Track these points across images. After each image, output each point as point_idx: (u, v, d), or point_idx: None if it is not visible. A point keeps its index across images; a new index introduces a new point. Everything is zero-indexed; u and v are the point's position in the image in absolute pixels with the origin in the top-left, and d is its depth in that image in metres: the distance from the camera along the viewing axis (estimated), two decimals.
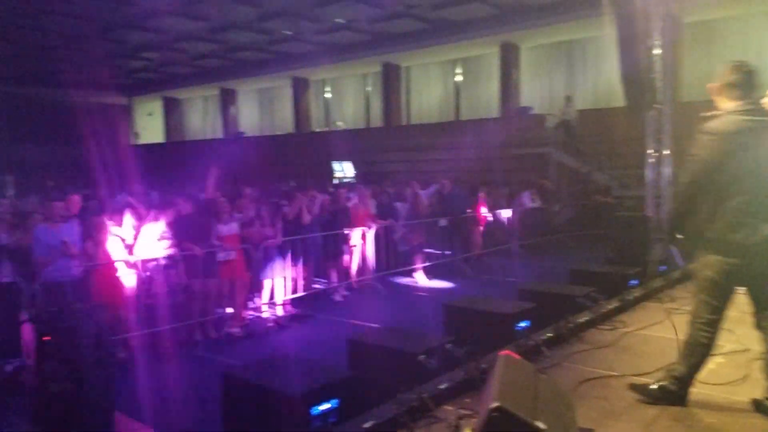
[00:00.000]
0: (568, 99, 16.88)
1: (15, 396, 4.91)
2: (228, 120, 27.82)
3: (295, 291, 8.17)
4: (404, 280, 10.12)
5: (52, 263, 5.83)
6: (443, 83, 23.09)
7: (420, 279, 10.15)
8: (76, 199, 6.90)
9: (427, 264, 10.31)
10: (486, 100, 21.60)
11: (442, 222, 10.61)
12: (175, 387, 5.46)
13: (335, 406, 3.52)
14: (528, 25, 18.21)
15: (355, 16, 18.06)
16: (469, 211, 11.26)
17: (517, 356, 3.07)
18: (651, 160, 8.08)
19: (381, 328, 5.42)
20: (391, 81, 22.64)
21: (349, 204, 9.70)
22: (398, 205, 10.69)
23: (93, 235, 6.29)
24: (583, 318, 5.60)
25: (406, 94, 23.47)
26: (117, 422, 3.12)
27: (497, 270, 10.69)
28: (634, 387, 3.97)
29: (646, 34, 7.54)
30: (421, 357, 4.26)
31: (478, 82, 22.09)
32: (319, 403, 3.44)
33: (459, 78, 22.80)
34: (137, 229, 6.87)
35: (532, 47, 20.43)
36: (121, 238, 6.52)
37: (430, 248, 10.50)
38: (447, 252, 10.99)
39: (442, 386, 3.96)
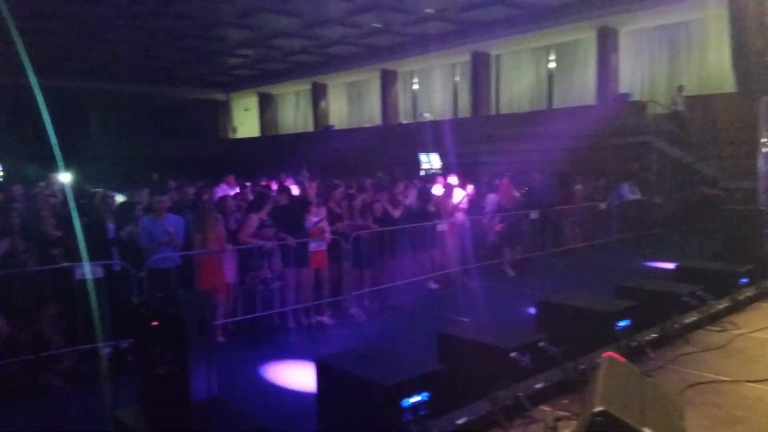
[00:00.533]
0: (680, 89, 15.92)
1: (125, 374, 5.25)
2: (318, 114, 28.46)
3: (384, 282, 8.22)
4: (492, 274, 9.94)
5: (157, 252, 6.17)
6: (535, 71, 22.39)
7: (509, 273, 9.93)
8: (189, 192, 7.25)
9: (516, 257, 10.07)
10: (581, 88, 20.74)
11: (533, 214, 10.30)
12: (270, 372, 5.64)
13: (426, 399, 3.50)
14: (628, 8, 17.27)
15: (445, 5, 17.88)
16: (560, 203, 10.87)
17: (621, 358, 2.90)
18: (764, 150, 7.45)
19: (471, 322, 5.34)
20: (480, 70, 22.25)
21: (438, 195, 9.64)
22: (489, 196, 10.49)
23: (201, 224, 6.58)
24: (690, 318, 5.25)
25: (495, 83, 22.98)
26: (217, 406, 3.25)
27: (592, 265, 10.25)
28: None
29: (762, 13, 6.92)
30: (514, 354, 4.15)
31: (573, 68, 21.23)
32: (410, 395, 3.43)
33: (552, 65, 22.02)
34: (240, 220, 7.19)
35: (632, 31, 19.37)
36: (225, 227, 6.81)
37: (519, 241, 10.22)
38: (537, 245, 10.67)
39: (538, 386, 3.84)
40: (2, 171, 21.44)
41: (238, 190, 10.48)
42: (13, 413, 4.75)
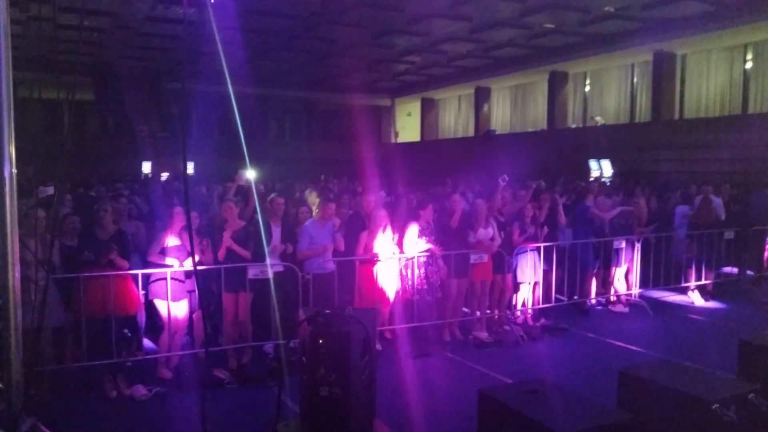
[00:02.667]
0: None
1: (289, 373, 5.33)
2: (480, 118, 28.00)
3: (549, 300, 7.66)
4: (676, 299, 8.86)
5: (316, 257, 6.25)
6: (728, 72, 19.89)
7: (695, 299, 8.78)
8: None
9: (706, 282, 8.86)
10: None
11: (729, 234, 9.01)
12: (428, 390, 5.42)
13: None
14: None
15: (628, 3, 16.52)
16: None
17: None
18: None
19: (658, 362, 4.65)
20: (663, 71, 20.26)
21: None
22: (679, 209, 9.33)
23: (369, 229, 6.58)
24: None
25: (680, 84, 20.81)
26: (376, 429, 3.08)
27: None
28: None
29: None
30: (716, 406, 3.49)
31: None
32: None
33: (749, 65, 19.43)
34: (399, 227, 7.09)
35: None
36: (385, 234, 6.75)
37: (712, 263, 8.98)
38: (733, 269, 9.33)
39: None
40: (194, 170, 23.86)
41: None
42: (188, 402, 5.04)
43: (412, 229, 6.74)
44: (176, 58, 21.68)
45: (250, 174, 7.55)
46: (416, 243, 6.72)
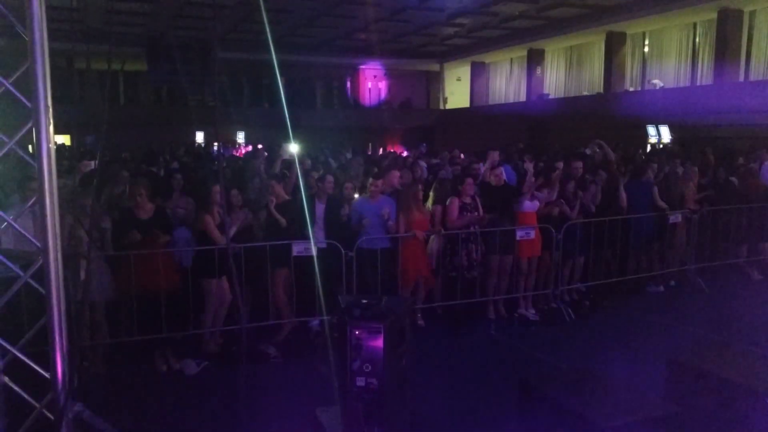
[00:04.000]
0: None
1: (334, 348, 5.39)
2: (533, 81, 27.15)
3: (598, 277, 7.43)
4: (733, 273, 8.48)
5: (366, 233, 6.23)
6: None
7: (753, 275, 8.38)
8: (395, 175, 7.23)
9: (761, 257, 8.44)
10: None
11: None
12: (466, 373, 5.37)
13: None
14: None
15: None
16: None
17: None
18: None
19: (708, 347, 4.47)
20: (727, 29, 19.00)
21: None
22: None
23: (406, 206, 6.51)
24: None
25: (746, 44, 19.53)
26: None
27: None
28: None
29: None
30: None
31: None
32: None
33: None
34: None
35: None
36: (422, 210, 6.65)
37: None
38: None
39: None
40: (244, 139, 24.20)
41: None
42: (234, 377, 5.16)
43: (453, 205, 6.62)
44: (227, 26, 21.81)
45: (293, 148, 7.56)
46: (458, 219, 6.61)
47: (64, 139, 21.24)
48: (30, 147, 2.74)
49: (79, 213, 4.86)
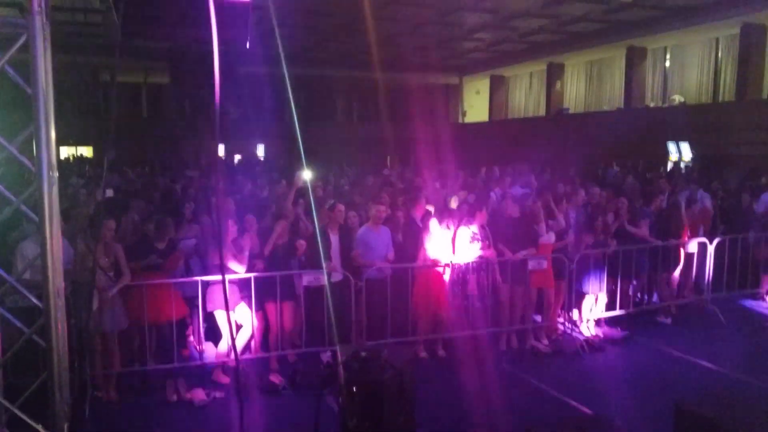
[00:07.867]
0: None
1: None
2: (552, 96, 26.98)
3: (613, 308, 7.35)
4: (752, 304, 8.32)
5: (371, 263, 6.22)
6: None
7: None
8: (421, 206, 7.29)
9: None
10: None
11: None
12: (474, 407, 5.32)
13: None
14: None
15: None
16: None
17: None
18: None
19: (720, 393, 4.38)
20: (751, 45, 18.69)
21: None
22: (765, 196, 8.67)
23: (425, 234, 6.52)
24: None
25: None
26: None
27: None
28: None
29: None
30: None
31: None
32: None
33: None
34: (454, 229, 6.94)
35: None
36: (440, 238, 6.62)
37: None
38: None
39: None
40: (264, 153, 24.40)
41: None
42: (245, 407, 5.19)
43: (464, 234, 6.58)
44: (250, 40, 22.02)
45: (307, 175, 7.58)
46: (469, 248, 6.58)
47: (86, 151, 21.71)
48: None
49: (93, 241, 4.99)
